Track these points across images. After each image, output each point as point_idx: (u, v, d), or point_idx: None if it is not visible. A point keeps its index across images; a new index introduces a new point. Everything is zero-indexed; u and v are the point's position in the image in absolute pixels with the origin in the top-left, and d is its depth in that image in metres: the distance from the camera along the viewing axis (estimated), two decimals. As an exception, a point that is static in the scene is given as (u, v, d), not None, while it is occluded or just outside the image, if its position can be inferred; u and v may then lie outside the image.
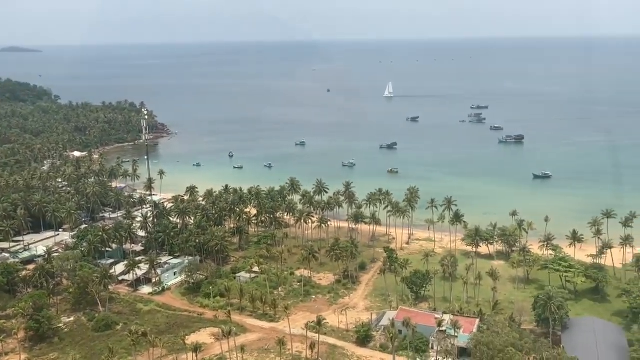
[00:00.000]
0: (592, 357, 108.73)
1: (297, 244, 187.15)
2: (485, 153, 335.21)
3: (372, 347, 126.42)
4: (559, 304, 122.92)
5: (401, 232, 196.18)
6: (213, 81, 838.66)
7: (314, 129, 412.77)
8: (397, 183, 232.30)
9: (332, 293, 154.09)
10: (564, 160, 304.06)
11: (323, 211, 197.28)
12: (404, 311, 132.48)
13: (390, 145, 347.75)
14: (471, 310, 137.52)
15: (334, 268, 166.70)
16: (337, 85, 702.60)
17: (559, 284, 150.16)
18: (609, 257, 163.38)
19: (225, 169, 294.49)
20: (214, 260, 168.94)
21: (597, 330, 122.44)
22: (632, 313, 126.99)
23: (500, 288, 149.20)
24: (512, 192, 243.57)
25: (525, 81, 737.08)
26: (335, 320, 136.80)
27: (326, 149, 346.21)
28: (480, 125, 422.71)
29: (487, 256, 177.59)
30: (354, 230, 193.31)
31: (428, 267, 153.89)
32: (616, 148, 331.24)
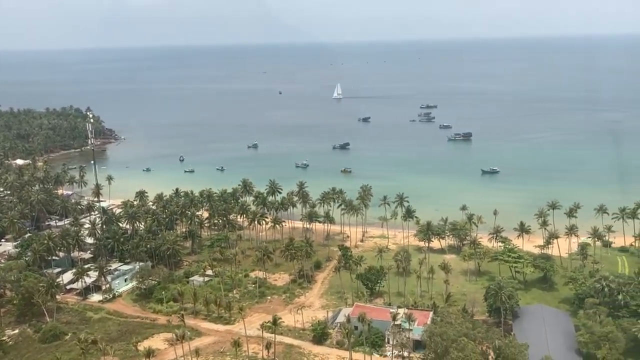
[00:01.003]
0: (541, 343, 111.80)
1: (252, 246, 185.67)
2: (435, 151, 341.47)
3: (328, 345, 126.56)
4: (509, 293, 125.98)
5: (355, 230, 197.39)
6: (164, 85, 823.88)
7: (266, 131, 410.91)
8: (351, 182, 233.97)
9: (287, 293, 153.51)
10: (510, 156, 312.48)
11: (277, 212, 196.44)
12: (359, 307, 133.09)
13: (343, 145, 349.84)
14: (425, 304, 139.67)
15: (289, 268, 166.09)
16: (288, 87, 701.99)
17: (508, 275, 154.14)
18: (555, 247, 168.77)
19: (176, 173, 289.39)
20: (166, 265, 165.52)
21: (545, 317, 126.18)
22: (578, 299, 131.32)
23: (452, 281, 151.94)
24: (461, 187, 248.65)
25: (473, 81, 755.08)
26: (292, 320, 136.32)
27: (279, 151, 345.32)
28: (430, 124, 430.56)
29: (439, 250, 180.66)
30: (308, 230, 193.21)
31: (382, 263, 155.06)
32: (561, 143, 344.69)
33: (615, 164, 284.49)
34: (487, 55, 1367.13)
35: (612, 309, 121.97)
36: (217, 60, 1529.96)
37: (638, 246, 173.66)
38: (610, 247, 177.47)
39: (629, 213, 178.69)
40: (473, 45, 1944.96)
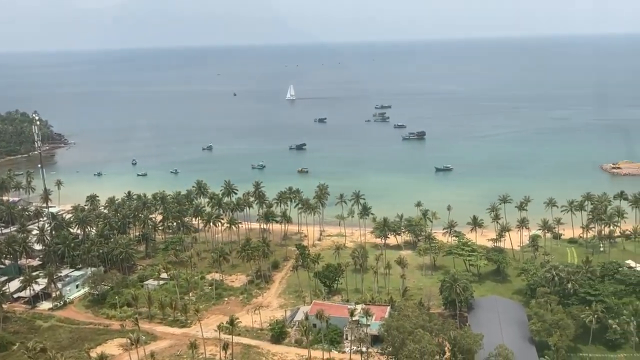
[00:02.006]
0: (496, 332, 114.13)
1: (207, 248, 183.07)
2: (390, 150, 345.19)
3: (287, 343, 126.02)
4: (463, 285, 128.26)
5: (313, 229, 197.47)
6: (116, 88, 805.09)
7: (221, 133, 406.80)
8: (308, 182, 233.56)
9: (245, 294, 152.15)
10: (463, 154, 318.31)
11: (232, 212, 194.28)
12: (317, 305, 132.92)
13: (299, 145, 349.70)
14: (382, 299, 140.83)
15: (246, 269, 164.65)
16: (243, 89, 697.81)
17: (463, 268, 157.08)
18: (507, 240, 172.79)
19: (128, 177, 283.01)
20: (119, 269, 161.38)
21: (499, 308, 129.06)
22: (530, 289, 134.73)
23: (408, 276, 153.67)
24: (416, 185, 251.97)
25: (426, 81, 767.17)
26: (249, 320, 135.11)
27: (235, 153, 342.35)
28: (385, 124, 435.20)
29: (395, 247, 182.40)
30: (265, 231, 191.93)
31: (339, 261, 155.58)
32: (512, 140, 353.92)
33: (563, 159, 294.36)
34: (442, 57, 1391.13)
35: (562, 298, 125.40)
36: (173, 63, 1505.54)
37: (586, 237, 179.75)
38: (560, 239, 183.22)
39: (577, 206, 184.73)
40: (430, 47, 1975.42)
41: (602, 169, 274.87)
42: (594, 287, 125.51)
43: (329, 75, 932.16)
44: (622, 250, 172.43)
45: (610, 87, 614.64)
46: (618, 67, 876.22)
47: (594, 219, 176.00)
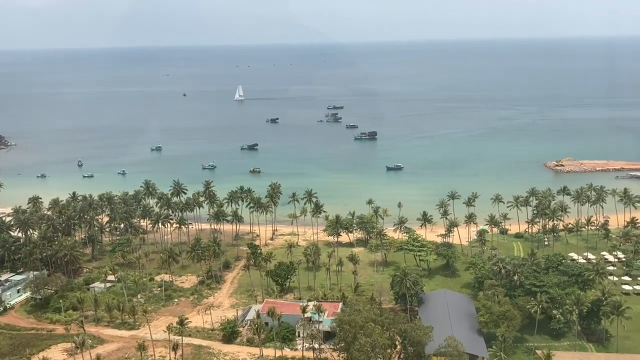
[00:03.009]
0: (445, 325, 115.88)
1: (157, 249, 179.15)
2: (343, 149, 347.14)
3: (238, 343, 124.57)
4: (414, 279, 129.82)
5: (265, 229, 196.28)
6: (61, 89, 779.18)
7: (170, 133, 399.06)
8: (260, 181, 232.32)
9: (195, 294, 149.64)
10: (413, 153, 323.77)
11: (182, 213, 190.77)
12: (269, 303, 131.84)
13: (251, 146, 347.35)
14: (334, 296, 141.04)
15: (197, 269, 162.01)
16: (192, 89, 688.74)
17: (413, 264, 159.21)
18: (456, 236, 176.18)
19: (73, 179, 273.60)
20: (64, 272, 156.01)
21: (449, 301, 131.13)
22: (478, 282, 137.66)
23: (361, 272, 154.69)
24: (368, 183, 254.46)
25: (378, 83, 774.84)
26: (200, 321, 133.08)
27: (184, 153, 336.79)
28: (337, 124, 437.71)
29: (348, 244, 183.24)
30: (216, 231, 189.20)
31: (292, 259, 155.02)
32: (460, 139, 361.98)
33: (509, 158, 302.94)
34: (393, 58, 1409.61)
35: (509, 290, 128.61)
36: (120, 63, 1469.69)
37: (531, 232, 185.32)
38: (506, 234, 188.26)
39: (522, 201, 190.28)
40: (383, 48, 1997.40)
41: (546, 167, 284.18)
42: (538, 278, 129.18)
43: (281, 76, 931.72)
44: (566, 244, 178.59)
45: (560, 88, 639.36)
46: (576, 69, 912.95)
47: (538, 214, 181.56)
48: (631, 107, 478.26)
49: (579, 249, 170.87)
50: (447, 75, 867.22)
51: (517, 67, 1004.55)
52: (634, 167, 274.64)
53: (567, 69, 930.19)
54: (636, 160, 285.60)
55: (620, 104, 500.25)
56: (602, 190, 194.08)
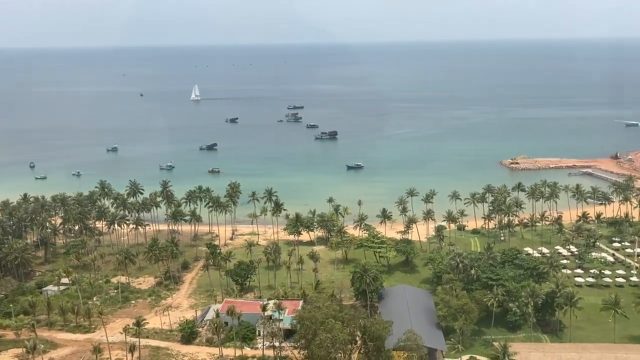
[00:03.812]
0: (405, 319, 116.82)
1: (113, 251, 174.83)
2: (303, 149, 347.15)
3: (198, 343, 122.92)
4: (373, 275, 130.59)
5: (224, 229, 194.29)
6: (13, 89, 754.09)
7: (127, 134, 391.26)
8: (219, 181, 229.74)
9: (153, 296, 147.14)
10: (373, 152, 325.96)
11: (139, 213, 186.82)
12: (228, 303, 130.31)
13: (210, 146, 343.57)
14: (295, 294, 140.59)
15: (155, 270, 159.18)
16: (150, 89, 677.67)
17: (374, 260, 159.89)
18: (415, 233, 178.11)
19: (25, 181, 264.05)
20: (14, 276, 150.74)
21: (408, 296, 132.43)
22: (436, 277, 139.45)
23: (321, 270, 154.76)
24: (328, 182, 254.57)
25: (339, 83, 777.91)
26: (159, 322, 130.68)
27: (142, 154, 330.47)
28: (297, 124, 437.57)
29: (308, 243, 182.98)
30: (175, 232, 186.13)
31: (252, 258, 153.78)
32: (418, 138, 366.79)
33: (465, 156, 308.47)
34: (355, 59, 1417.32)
35: (467, 284, 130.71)
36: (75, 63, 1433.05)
37: (488, 227, 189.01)
38: (464, 230, 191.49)
39: (479, 198, 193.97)
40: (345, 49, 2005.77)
41: (502, 165, 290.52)
42: (495, 272, 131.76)
43: (241, 76, 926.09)
44: (521, 239, 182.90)
45: (516, 89, 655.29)
46: (538, 69, 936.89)
47: (494, 210, 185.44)
48: (584, 107, 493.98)
49: (534, 244, 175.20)
50: (409, 76, 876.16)
51: (483, 68, 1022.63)
52: (585, 164, 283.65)
53: (530, 69, 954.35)
54: (588, 157, 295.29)
55: (574, 104, 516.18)
56: (555, 187, 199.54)
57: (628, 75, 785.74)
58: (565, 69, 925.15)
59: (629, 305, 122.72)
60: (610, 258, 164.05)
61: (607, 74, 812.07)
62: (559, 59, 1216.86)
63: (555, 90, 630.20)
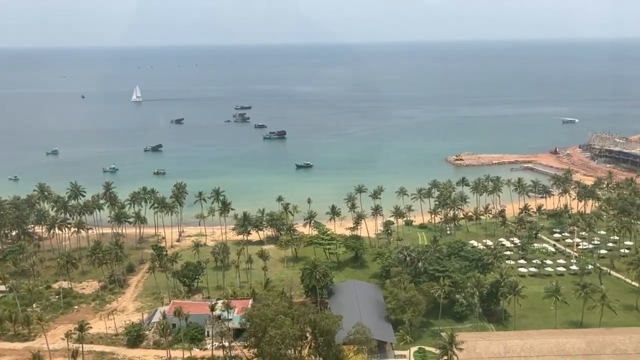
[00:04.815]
0: (354, 313, 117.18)
1: (54, 256, 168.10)
2: (252, 149, 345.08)
3: (145, 346, 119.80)
4: (323, 271, 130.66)
5: (171, 231, 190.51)
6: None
7: (68, 136, 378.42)
8: (165, 183, 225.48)
9: (97, 300, 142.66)
10: (322, 151, 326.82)
11: (80, 216, 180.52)
12: (176, 304, 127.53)
13: (155, 147, 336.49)
14: (244, 293, 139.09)
15: (99, 274, 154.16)
16: (92, 91, 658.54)
17: (324, 257, 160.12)
18: (364, 229, 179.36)
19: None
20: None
21: (357, 291, 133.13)
22: (385, 271, 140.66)
23: (271, 268, 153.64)
24: (278, 181, 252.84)
25: (286, 83, 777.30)
26: (103, 327, 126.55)
27: (84, 157, 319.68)
28: (245, 124, 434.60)
29: (258, 242, 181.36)
30: (119, 234, 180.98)
31: (199, 259, 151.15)
32: (366, 137, 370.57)
33: (412, 153, 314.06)
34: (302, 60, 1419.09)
35: (414, 276, 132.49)
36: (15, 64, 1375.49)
37: (434, 222, 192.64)
38: (411, 225, 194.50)
39: (425, 193, 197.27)
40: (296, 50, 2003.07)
41: (447, 161, 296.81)
42: (441, 264, 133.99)
43: (186, 77, 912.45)
44: (466, 232, 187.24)
45: (466, 88, 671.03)
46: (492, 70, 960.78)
47: (440, 204, 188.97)
48: (526, 105, 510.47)
49: (479, 236, 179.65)
50: (364, 76, 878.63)
51: (442, 68, 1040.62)
52: (526, 159, 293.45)
53: (485, 70, 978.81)
54: (529, 153, 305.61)
55: (517, 102, 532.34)
56: (498, 181, 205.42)
57: (572, 74, 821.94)
58: (519, 69, 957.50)
59: (569, 293, 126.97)
60: (551, 248, 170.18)
61: (554, 73, 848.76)
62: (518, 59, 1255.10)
63: (501, 89, 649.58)
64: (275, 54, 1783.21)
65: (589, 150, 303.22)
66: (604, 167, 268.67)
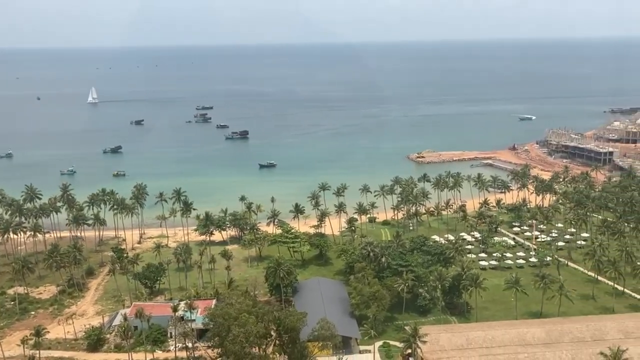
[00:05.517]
0: (319, 310, 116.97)
1: (9, 261, 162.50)
2: (214, 149, 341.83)
3: (106, 350, 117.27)
4: (287, 269, 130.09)
5: (131, 233, 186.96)
6: None
7: (23, 139, 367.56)
8: (125, 185, 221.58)
9: (55, 305, 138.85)
10: (286, 150, 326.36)
11: (37, 219, 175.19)
12: (137, 306, 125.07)
13: (114, 149, 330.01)
14: (208, 293, 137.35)
15: (57, 278, 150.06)
16: (48, 92, 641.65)
17: (288, 256, 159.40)
18: (328, 226, 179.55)
19: None
20: None
21: (322, 288, 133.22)
22: (349, 267, 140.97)
23: (235, 268, 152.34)
24: (241, 181, 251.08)
25: (245, 83, 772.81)
26: (62, 332, 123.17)
27: (40, 159, 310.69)
28: (207, 125, 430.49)
29: (221, 242, 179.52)
30: (78, 237, 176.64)
31: (161, 260, 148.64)
32: (328, 136, 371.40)
33: (374, 151, 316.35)
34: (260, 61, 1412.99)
35: (378, 272, 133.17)
36: None
37: (397, 218, 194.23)
38: (375, 222, 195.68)
39: (388, 190, 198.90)
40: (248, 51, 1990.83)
41: (409, 159, 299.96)
42: (404, 259, 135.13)
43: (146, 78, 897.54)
44: (428, 227, 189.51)
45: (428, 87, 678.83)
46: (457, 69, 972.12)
47: (402, 201, 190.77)
48: (486, 103, 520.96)
49: (440, 231, 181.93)
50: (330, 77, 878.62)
51: (409, 68, 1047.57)
52: (486, 156, 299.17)
53: (450, 69, 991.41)
54: (488, 149, 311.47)
55: (477, 100, 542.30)
56: (458, 177, 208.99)
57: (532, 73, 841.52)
58: (484, 68, 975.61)
59: (529, 284, 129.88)
60: (510, 241, 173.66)
61: (517, 72, 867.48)
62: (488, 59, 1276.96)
63: (462, 88, 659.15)
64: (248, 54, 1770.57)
65: (546, 146, 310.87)
66: (560, 162, 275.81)
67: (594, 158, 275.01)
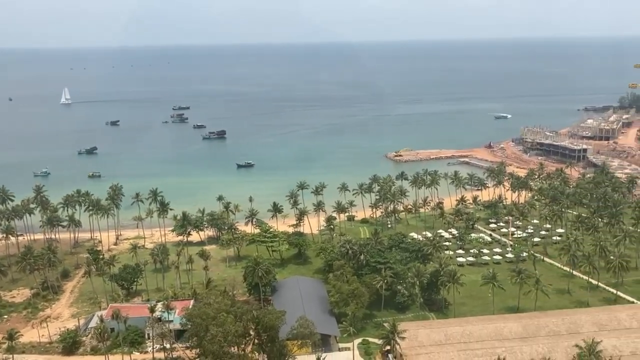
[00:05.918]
0: (298, 309, 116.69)
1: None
2: (191, 149, 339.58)
3: (82, 353, 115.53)
4: (266, 268, 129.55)
5: (107, 234, 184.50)
6: None
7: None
8: (101, 186, 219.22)
9: (29, 308, 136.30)
10: (264, 150, 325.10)
11: (9, 221, 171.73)
12: (114, 308, 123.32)
13: (89, 150, 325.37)
14: (186, 294, 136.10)
15: (31, 281, 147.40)
16: (20, 93, 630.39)
17: (267, 256, 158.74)
18: (307, 225, 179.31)
19: None
20: None
21: (301, 286, 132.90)
22: (328, 266, 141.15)
23: (213, 268, 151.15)
24: (219, 181, 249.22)
25: (222, 83, 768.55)
26: (36, 335, 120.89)
27: (12, 161, 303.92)
28: (184, 125, 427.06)
29: (199, 243, 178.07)
30: (52, 240, 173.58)
31: (137, 261, 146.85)
32: (305, 136, 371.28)
33: (352, 150, 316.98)
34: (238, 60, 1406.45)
35: (357, 269, 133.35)
36: None
37: (375, 216, 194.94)
38: (353, 220, 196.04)
39: (366, 188, 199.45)
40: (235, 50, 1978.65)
41: (387, 157, 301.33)
42: (383, 256, 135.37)
43: (121, 78, 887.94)
44: (406, 225, 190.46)
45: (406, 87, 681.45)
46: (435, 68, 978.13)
47: (381, 199, 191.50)
48: (462, 102, 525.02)
49: (418, 229, 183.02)
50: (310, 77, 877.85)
51: (390, 68, 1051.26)
52: (463, 154, 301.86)
53: (428, 68, 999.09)
54: (465, 148, 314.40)
55: (454, 99, 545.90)
56: (435, 175, 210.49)
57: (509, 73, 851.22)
58: (464, 68, 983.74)
59: (506, 279, 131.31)
60: (487, 238, 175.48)
61: (495, 71, 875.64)
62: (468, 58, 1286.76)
63: (441, 87, 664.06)
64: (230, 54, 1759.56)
65: (522, 144, 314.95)
66: (535, 159, 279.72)
67: (568, 155, 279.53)
